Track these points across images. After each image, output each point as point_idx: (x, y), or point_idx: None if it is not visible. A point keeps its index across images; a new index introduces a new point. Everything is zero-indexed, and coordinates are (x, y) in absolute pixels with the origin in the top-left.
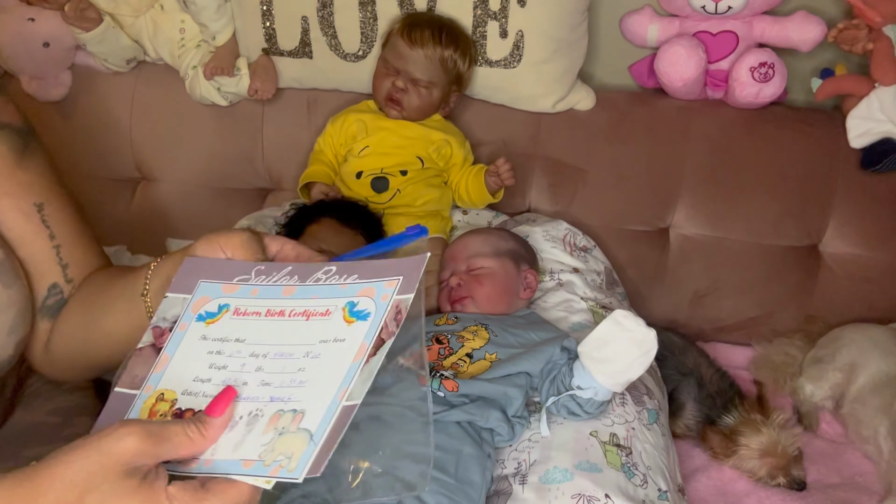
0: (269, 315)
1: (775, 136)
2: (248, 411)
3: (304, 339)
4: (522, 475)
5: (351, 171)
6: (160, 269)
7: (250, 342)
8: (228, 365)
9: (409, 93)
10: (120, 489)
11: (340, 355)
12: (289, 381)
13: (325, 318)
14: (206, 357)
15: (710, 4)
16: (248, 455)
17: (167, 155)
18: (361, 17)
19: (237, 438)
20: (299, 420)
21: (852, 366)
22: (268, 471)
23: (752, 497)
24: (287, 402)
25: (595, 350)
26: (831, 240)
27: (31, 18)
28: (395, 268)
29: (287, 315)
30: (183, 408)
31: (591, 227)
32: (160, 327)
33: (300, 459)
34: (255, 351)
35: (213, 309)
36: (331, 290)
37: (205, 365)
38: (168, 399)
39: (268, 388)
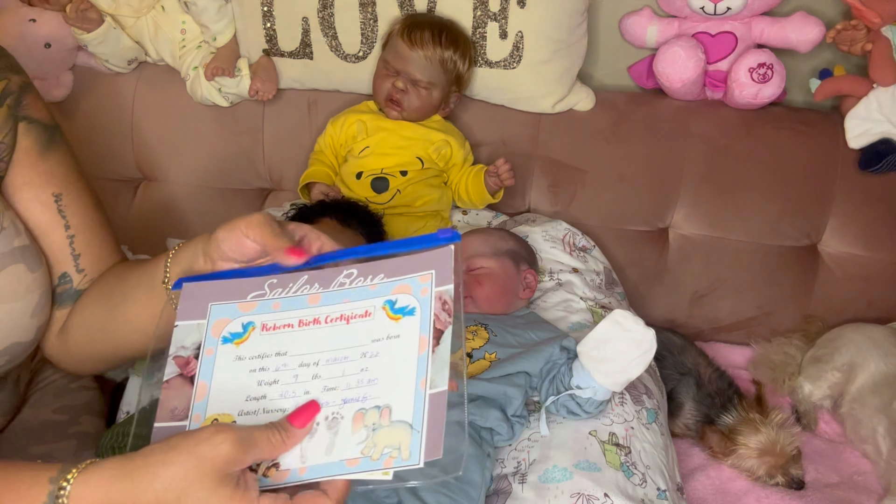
0: (302, 325)
1: (774, 136)
2: (324, 416)
3: (353, 341)
4: (522, 474)
5: (351, 171)
6: (179, 257)
7: (294, 353)
8: (280, 379)
9: (409, 93)
10: (215, 496)
11: (402, 350)
12: (356, 382)
13: (367, 319)
14: (250, 376)
15: (709, 5)
16: (348, 455)
17: (168, 155)
18: (362, 19)
19: (325, 443)
20: (388, 414)
21: (851, 365)
22: (380, 464)
23: (751, 496)
24: (364, 400)
25: (594, 350)
26: (830, 240)
27: (32, 19)
28: (424, 262)
29: (324, 322)
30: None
31: (591, 227)
32: (182, 357)
33: (411, 447)
34: (305, 361)
35: (236, 329)
36: (361, 291)
37: (252, 383)
38: (225, 423)
39: (335, 392)
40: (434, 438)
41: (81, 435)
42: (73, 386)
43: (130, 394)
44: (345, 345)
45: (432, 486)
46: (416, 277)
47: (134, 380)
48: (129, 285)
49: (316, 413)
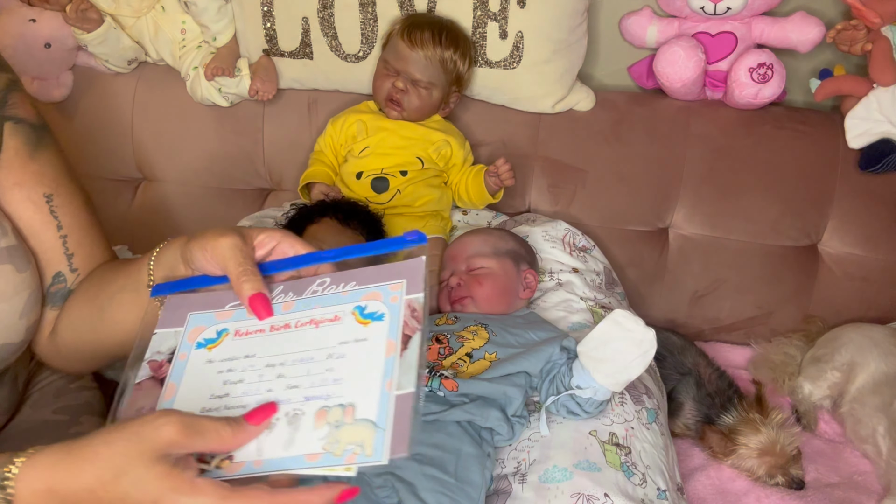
0: (273, 330)
1: (774, 136)
2: (284, 412)
3: (320, 343)
4: (522, 474)
5: (351, 171)
6: (161, 259)
7: (262, 355)
8: (244, 378)
9: (409, 93)
10: (151, 473)
11: (368, 352)
12: (320, 381)
13: (336, 323)
14: (218, 376)
15: (709, 5)
16: (309, 450)
17: (168, 155)
18: (362, 18)
19: (284, 438)
20: (352, 412)
21: (851, 365)
22: (341, 460)
23: (751, 496)
24: (327, 398)
25: (594, 350)
26: (830, 240)
27: (32, 19)
28: (396, 271)
29: (294, 326)
30: None
31: (591, 227)
32: (157, 361)
33: (374, 445)
34: (271, 362)
35: (211, 335)
36: (332, 298)
37: (218, 383)
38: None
39: (298, 390)
40: (400, 437)
41: (81, 435)
42: (72, 386)
43: None
44: (312, 346)
45: (432, 486)
46: (386, 286)
47: None
48: (116, 288)
49: (272, 413)
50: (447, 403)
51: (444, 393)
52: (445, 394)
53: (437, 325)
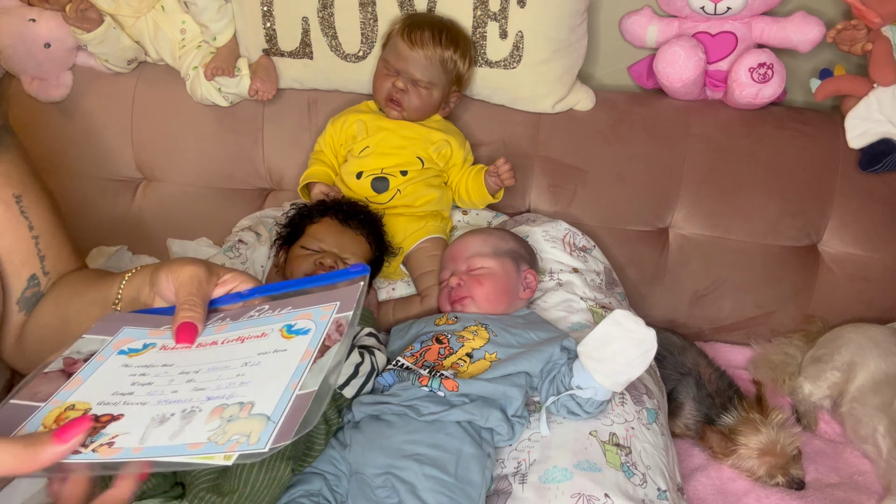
0: (200, 347)
1: (774, 136)
2: (182, 409)
3: (239, 354)
4: (522, 474)
5: (351, 171)
6: (133, 282)
7: (179, 365)
8: (154, 382)
9: (409, 93)
10: None
11: (284, 360)
12: (227, 384)
13: (261, 339)
14: (128, 378)
15: (710, 5)
16: (193, 440)
17: (168, 155)
18: (362, 18)
19: (173, 429)
20: (249, 409)
21: (851, 365)
22: (223, 448)
23: (751, 496)
24: (229, 398)
25: (595, 350)
26: (830, 240)
27: (32, 19)
28: (332, 296)
29: (220, 343)
30: (98, 413)
31: (591, 227)
32: (72, 358)
33: (261, 435)
34: (186, 369)
35: (136, 346)
36: (265, 320)
37: (126, 383)
38: (80, 408)
39: (202, 392)
40: (287, 428)
41: None
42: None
43: None
44: (230, 357)
45: (432, 486)
46: (319, 307)
47: None
48: (86, 301)
49: (87, 427)
50: (447, 403)
51: (445, 393)
52: (446, 394)
53: (437, 326)
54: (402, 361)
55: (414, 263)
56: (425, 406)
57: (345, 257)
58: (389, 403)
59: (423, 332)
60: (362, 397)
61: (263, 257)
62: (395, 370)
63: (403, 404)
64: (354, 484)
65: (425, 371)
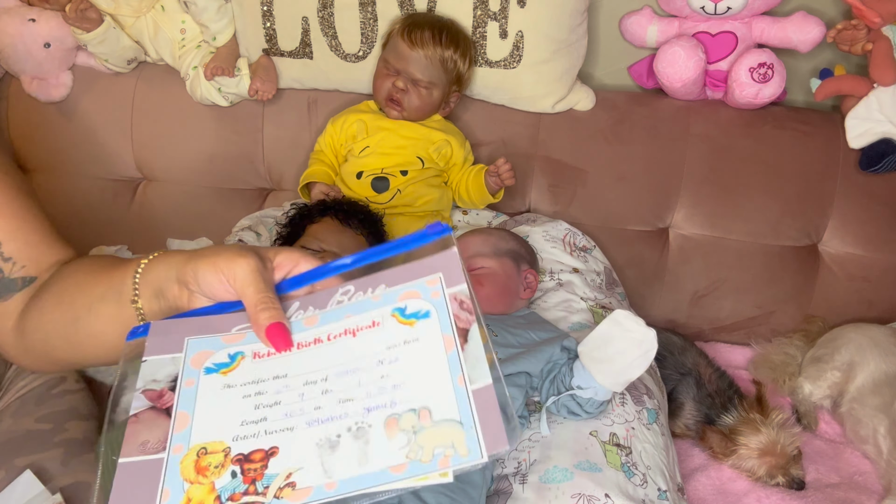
0: (301, 347)
1: (774, 136)
2: (346, 427)
3: (365, 351)
4: (522, 475)
5: (351, 171)
6: (150, 275)
7: (296, 374)
8: (282, 400)
9: (409, 93)
10: None
11: (425, 352)
12: (377, 390)
13: (376, 329)
14: (245, 401)
15: (710, 5)
16: (391, 462)
17: (168, 155)
18: (362, 18)
19: (355, 455)
20: (428, 415)
21: (851, 365)
22: (434, 465)
23: (752, 496)
24: (394, 406)
25: (595, 350)
26: (830, 240)
27: (32, 19)
28: (428, 267)
29: (326, 340)
30: (246, 452)
31: (591, 227)
32: (154, 390)
33: (467, 443)
34: (310, 378)
35: (222, 359)
36: (363, 304)
37: (248, 408)
38: (216, 451)
39: (353, 403)
40: (493, 431)
41: (68, 442)
42: (54, 392)
43: None
44: (355, 356)
45: (432, 486)
46: (422, 282)
47: None
48: (95, 296)
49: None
50: None
51: None
52: None
53: None
54: None
55: None
56: None
57: None
58: None
59: None
60: None
61: None
62: None
63: None
64: None
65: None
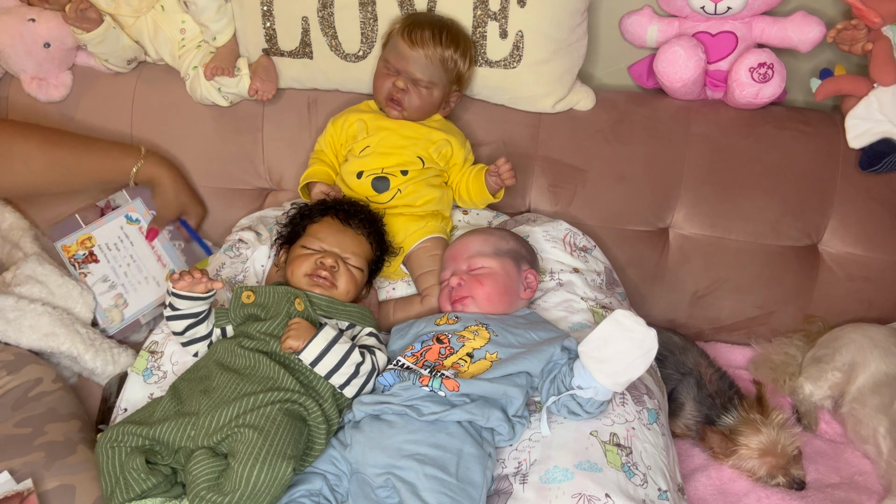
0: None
1: (775, 136)
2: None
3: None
4: (523, 475)
5: (352, 170)
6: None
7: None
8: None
9: (409, 93)
10: None
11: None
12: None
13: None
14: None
15: (710, 5)
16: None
17: (168, 155)
18: (362, 18)
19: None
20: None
21: (851, 365)
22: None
23: (752, 496)
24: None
25: (595, 350)
26: (831, 240)
27: (31, 19)
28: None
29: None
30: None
31: (591, 227)
32: (110, 204)
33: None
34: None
35: (134, 216)
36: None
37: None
38: (91, 244)
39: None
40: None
41: (49, 445)
42: (31, 395)
43: (130, 391)
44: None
45: (433, 486)
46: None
47: (133, 377)
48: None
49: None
50: (448, 403)
51: (446, 393)
52: (446, 394)
53: (437, 325)
54: (402, 361)
55: (414, 263)
56: (426, 406)
57: (345, 257)
58: (390, 403)
59: (424, 332)
60: (363, 397)
61: (264, 257)
62: (395, 370)
63: (404, 404)
64: (355, 484)
65: (426, 371)
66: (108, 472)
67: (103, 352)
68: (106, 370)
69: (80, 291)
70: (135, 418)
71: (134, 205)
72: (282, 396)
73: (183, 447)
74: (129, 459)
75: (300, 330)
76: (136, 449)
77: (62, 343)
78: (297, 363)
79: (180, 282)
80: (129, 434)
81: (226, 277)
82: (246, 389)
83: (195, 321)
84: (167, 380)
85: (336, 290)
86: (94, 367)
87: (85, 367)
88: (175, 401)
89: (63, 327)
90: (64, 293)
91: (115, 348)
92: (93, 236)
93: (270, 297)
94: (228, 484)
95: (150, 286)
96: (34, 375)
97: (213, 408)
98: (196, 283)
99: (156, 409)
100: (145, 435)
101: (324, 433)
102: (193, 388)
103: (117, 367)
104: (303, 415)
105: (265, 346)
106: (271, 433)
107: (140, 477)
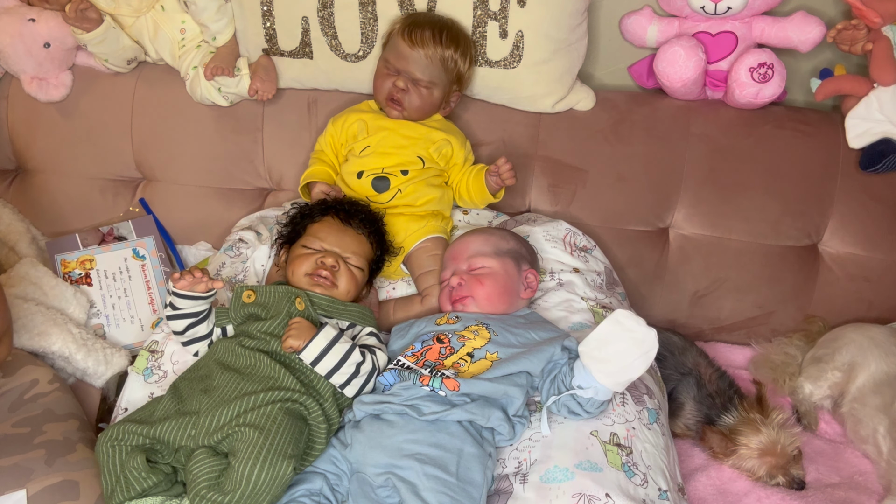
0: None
1: (775, 136)
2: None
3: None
4: (523, 474)
5: (352, 170)
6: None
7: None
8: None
9: (409, 93)
10: None
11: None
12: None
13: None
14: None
15: (710, 5)
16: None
17: (167, 155)
18: (362, 18)
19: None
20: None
21: (851, 365)
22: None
23: (752, 496)
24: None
25: (595, 350)
26: (831, 239)
27: (31, 19)
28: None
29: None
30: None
31: (591, 227)
32: (112, 233)
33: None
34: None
35: (142, 254)
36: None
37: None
38: (91, 266)
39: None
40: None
41: (49, 444)
42: (27, 396)
43: (130, 390)
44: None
45: (434, 485)
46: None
47: (134, 376)
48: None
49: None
50: (448, 403)
51: (446, 392)
52: (447, 393)
53: (438, 325)
54: (403, 361)
55: (414, 263)
56: (426, 405)
57: (346, 256)
58: (390, 403)
59: (424, 332)
60: (363, 397)
61: (264, 256)
62: (396, 370)
63: (404, 404)
64: (355, 483)
65: (426, 370)
66: (108, 471)
67: (95, 352)
68: (98, 371)
69: (73, 293)
70: (135, 417)
71: (144, 241)
72: (282, 396)
73: (183, 446)
74: (129, 458)
75: (301, 329)
76: (137, 448)
77: (53, 343)
78: (298, 363)
79: (181, 281)
80: (130, 433)
81: (226, 277)
82: (246, 389)
83: (196, 320)
84: (167, 379)
85: (336, 289)
86: (85, 367)
87: (77, 367)
88: (175, 400)
89: (55, 327)
90: (58, 294)
91: (108, 349)
92: (95, 259)
93: (271, 296)
94: (229, 483)
95: (133, 327)
96: (30, 377)
97: (213, 407)
98: (196, 282)
99: (156, 408)
100: (146, 434)
101: (324, 433)
102: (194, 388)
103: (110, 368)
104: (303, 414)
105: (266, 346)
106: (272, 432)
107: (141, 476)
